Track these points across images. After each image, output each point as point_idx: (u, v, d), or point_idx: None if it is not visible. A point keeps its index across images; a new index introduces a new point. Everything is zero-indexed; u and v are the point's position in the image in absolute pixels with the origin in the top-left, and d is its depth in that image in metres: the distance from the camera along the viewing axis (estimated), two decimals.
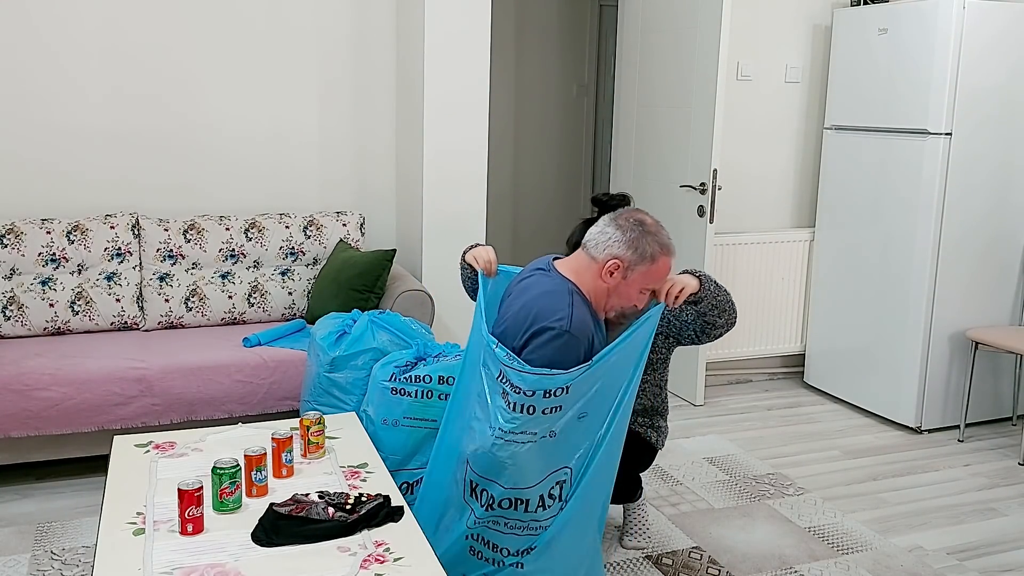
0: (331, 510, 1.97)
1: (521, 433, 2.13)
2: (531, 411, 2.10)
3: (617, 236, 2.22)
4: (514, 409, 2.12)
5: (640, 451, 2.75)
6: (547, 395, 2.08)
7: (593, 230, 2.28)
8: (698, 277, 2.38)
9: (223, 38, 3.81)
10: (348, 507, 1.99)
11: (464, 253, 2.54)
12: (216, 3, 3.77)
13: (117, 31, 3.65)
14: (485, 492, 2.22)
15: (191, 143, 3.83)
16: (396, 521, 2.01)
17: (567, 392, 2.10)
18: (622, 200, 2.56)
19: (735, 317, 2.49)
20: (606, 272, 2.23)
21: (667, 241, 2.27)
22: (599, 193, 2.61)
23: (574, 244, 2.51)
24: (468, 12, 3.67)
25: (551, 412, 2.11)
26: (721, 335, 2.53)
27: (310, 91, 3.98)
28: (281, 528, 1.93)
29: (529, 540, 2.25)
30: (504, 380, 2.14)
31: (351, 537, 1.93)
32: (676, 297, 2.32)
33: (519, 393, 2.10)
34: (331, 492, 2.07)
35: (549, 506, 2.22)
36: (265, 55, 3.88)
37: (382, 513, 2.01)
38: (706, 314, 2.45)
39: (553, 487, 2.20)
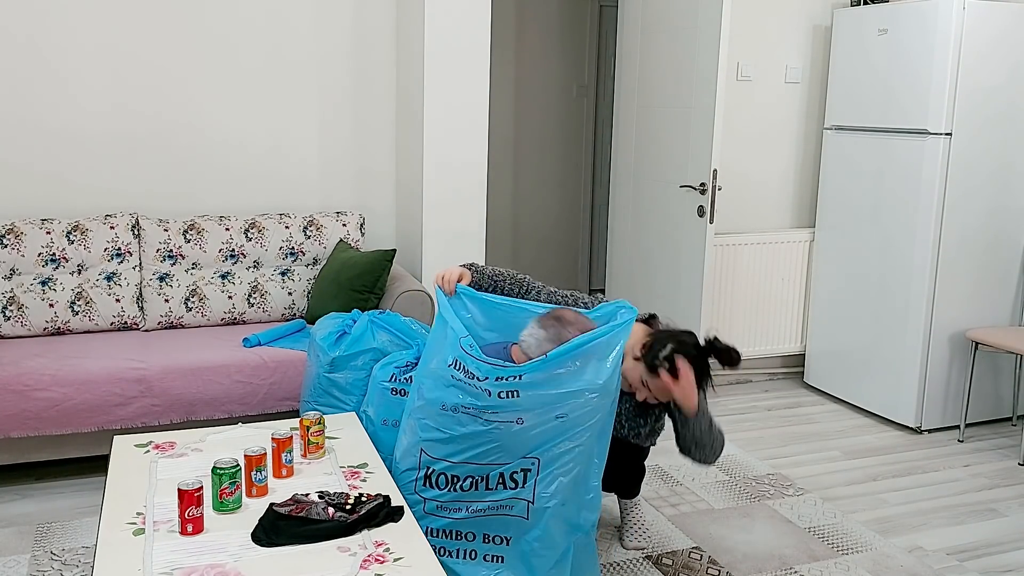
0: (331, 510, 1.98)
1: (483, 411, 2.21)
2: (488, 394, 2.21)
3: (541, 334, 2.37)
4: (475, 389, 2.23)
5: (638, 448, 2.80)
6: (499, 380, 2.20)
7: (525, 334, 2.42)
8: (699, 407, 2.48)
9: (223, 39, 3.81)
10: (348, 507, 1.99)
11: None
12: (216, 5, 3.78)
13: (117, 33, 3.65)
14: (443, 476, 2.27)
15: (191, 143, 3.83)
16: (396, 521, 2.01)
17: (520, 379, 2.20)
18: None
19: (713, 459, 2.59)
20: None
21: (588, 325, 2.38)
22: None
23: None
24: (468, 13, 3.67)
25: (507, 396, 2.20)
26: (693, 458, 2.61)
27: (310, 91, 3.98)
28: (281, 528, 1.93)
29: (497, 523, 2.27)
30: (458, 367, 2.25)
31: (351, 537, 1.93)
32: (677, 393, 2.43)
33: (473, 379, 2.23)
34: (331, 492, 2.07)
35: (511, 487, 2.25)
36: (265, 55, 3.89)
37: (382, 513, 2.01)
38: (689, 431, 2.55)
39: (516, 472, 2.24)
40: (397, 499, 2.10)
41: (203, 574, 1.77)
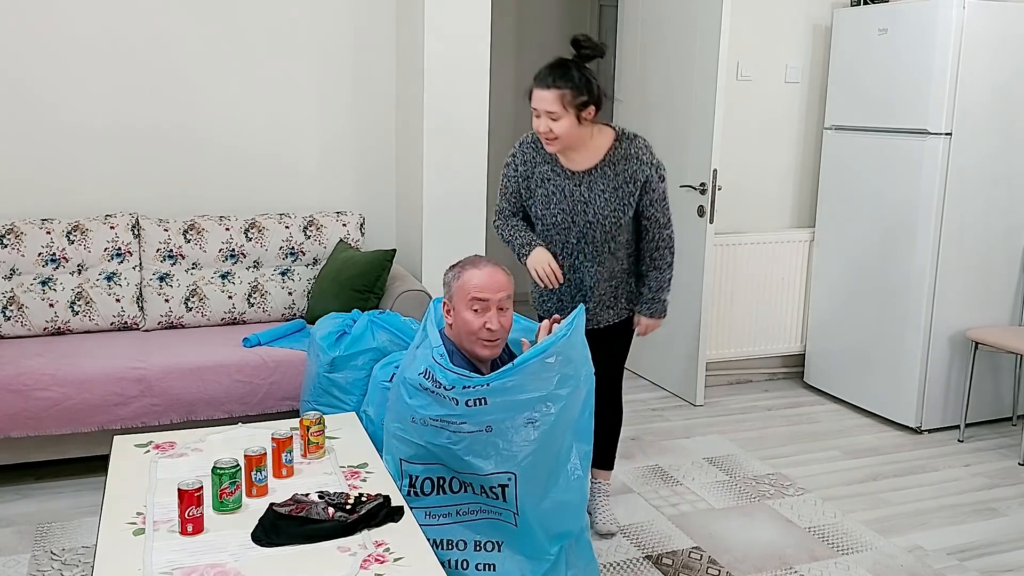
0: (331, 510, 1.97)
1: (451, 423, 2.19)
2: (455, 403, 2.19)
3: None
4: (443, 398, 2.20)
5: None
6: (465, 388, 2.18)
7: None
8: (660, 317, 2.84)
9: (223, 38, 3.81)
10: (348, 507, 1.99)
11: (523, 258, 2.77)
12: (216, 6, 3.78)
13: (118, 32, 3.65)
14: (429, 480, 2.26)
15: (191, 143, 3.83)
16: (396, 521, 2.01)
17: (488, 387, 2.18)
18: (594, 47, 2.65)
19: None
20: (446, 314, 2.41)
21: (473, 260, 2.39)
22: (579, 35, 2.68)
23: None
24: (468, 13, 3.67)
25: (474, 404, 2.18)
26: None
27: (310, 91, 3.98)
28: (281, 528, 1.93)
29: (487, 528, 2.27)
30: (427, 376, 2.22)
31: (351, 537, 1.92)
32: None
33: (440, 387, 2.20)
34: (331, 492, 2.07)
35: (494, 497, 2.24)
36: (265, 55, 3.88)
37: (382, 513, 2.00)
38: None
39: (494, 486, 2.23)
40: (397, 499, 2.10)
41: (203, 574, 1.77)
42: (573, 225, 2.71)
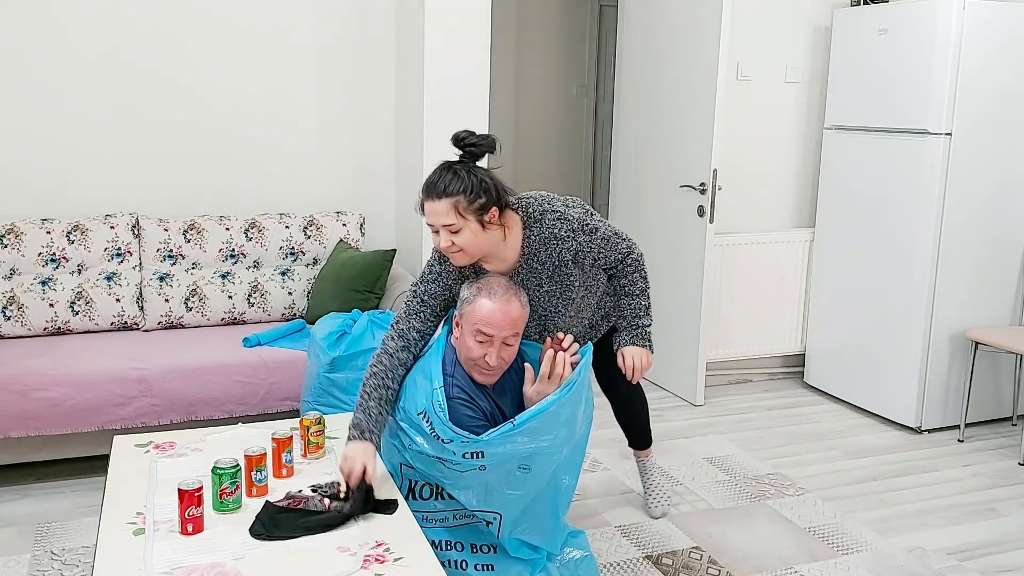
0: (327, 501, 2.00)
1: (446, 461, 2.17)
2: (453, 453, 2.16)
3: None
4: (441, 444, 2.17)
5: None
6: (464, 442, 2.15)
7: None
8: (644, 346, 2.55)
9: (223, 38, 3.81)
10: (341, 496, 2.02)
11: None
12: (216, 6, 3.78)
13: (118, 31, 3.65)
14: (428, 486, 2.27)
15: (191, 143, 3.83)
16: (391, 513, 2.03)
17: (486, 442, 2.15)
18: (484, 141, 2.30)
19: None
20: (455, 325, 2.30)
21: (491, 286, 2.22)
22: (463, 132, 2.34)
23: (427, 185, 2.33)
24: (468, 13, 3.67)
25: (472, 457, 2.15)
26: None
27: (310, 91, 3.98)
28: (280, 521, 1.94)
29: (485, 531, 2.29)
30: (426, 420, 2.19)
31: (351, 537, 1.93)
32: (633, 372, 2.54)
33: (439, 439, 2.17)
34: (322, 484, 2.10)
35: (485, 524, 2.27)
36: (265, 55, 3.89)
37: (371, 498, 2.03)
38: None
39: (480, 523, 2.26)
40: (393, 492, 2.12)
41: (203, 574, 1.77)
42: (532, 319, 2.44)
